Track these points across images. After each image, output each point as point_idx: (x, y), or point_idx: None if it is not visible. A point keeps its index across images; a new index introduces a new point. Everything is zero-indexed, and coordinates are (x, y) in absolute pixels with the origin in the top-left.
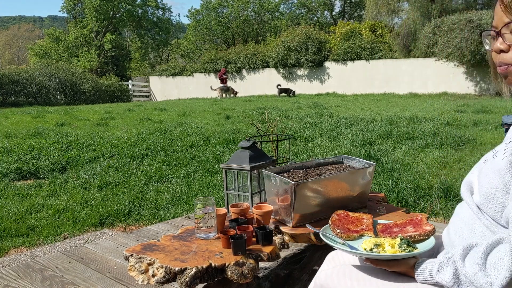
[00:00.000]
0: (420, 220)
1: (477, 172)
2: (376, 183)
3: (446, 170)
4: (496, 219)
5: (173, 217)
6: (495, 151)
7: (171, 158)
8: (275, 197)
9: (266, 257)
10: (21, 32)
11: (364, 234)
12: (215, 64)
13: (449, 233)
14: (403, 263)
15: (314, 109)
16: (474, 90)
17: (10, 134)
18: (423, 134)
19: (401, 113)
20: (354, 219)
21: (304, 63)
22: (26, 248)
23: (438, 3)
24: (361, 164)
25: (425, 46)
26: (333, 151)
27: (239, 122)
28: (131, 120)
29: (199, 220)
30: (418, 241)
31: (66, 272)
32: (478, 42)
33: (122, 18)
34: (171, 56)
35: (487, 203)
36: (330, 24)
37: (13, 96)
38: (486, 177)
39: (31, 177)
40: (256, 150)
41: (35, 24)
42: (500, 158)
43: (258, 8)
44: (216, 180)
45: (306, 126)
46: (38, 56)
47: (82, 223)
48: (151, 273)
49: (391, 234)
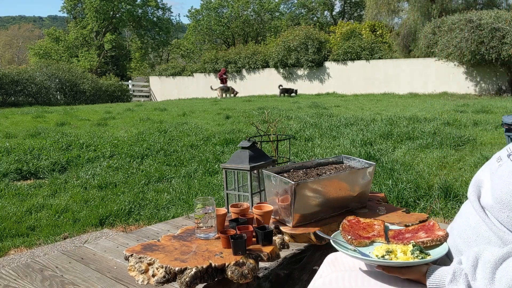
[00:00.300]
0: (433, 225)
1: (488, 172)
2: (376, 183)
3: (446, 170)
4: (507, 225)
5: (173, 217)
6: (511, 151)
7: (171, 158)
8: (275, 197)
9: (266, 257)
10: (21, 32)
11: (375, 241)
12: (215, 64)
13: (452, 233)
14: (416, 270)
15: (314, 109)
16: (474, 90)
17: (10, 134)
18: (423, 134)
19: (401, 113)
20: (365, 225)
21: (304, 63)
22: (26, 248)
23: (438, 3)
24: (361, 164)
25: (425, 46)
26: (333, 151)
27: (239, 122)
28: (131, 120)
29: (199, 220)
30: (431, 246)
31: (66, 272)
32: (478, 42)
33: (122, 18)
34: (171, 56)
35: (500, 208)
36: (330, 24)
37: (13, 96)
38: (502, 180)
39: (31, 177)
40: (256, 150)
41: (35, 24)
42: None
43: (258, 8)
44: (216, 180)
45: (306, 126)
46: (38, 56)
47: (82, 223)
48: (151, 273)
49: (402, 240)
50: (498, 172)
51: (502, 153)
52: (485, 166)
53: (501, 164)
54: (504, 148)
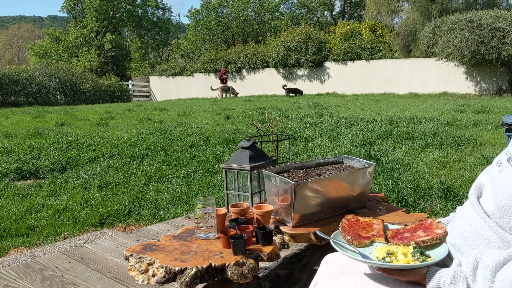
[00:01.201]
0: (430, 224)
1: (488, 176)
2: (376, 183)
3: (446, 170)
4: (509, 231)
5: (173, 217)
6: (511, 155)
7: (171, 158)
8: (275, 197)
9: (266, 257)
10: (21, 32)
11: (375, 241)
12: (215, 64)
13: (453, 232)
14: (416, 272)
15: (314, 109)
16: (474, 90)
17: (10, 134)
18: (423, 134)
19: (401, 113)
20: (364, 224)
21: (304, 63)
22: (26, 248)
23: (438, 3)
24: (361, 164)
25: (425, 46)
26: (333, 151)
27: (239, 122)
28: (131, 120)
29: (199, 220)
30: (431, 245)
31: (66, 272)
32: (478, 42)
33: (122, 18)
34: (171, 56)
35: (502, 214)
36: (330, 24)
37: (13, 96)
38: (503, 187)
39: (31, 177)
40: (256, 150)
41: (35, 24)
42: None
43: (258, 8)
44: (216, 180)
45: (306, 126)
46: (38, 56)
47: (82, 223)
48: (151, 273)
49: (402, 240)
50: (498, 178)
51: (502, 157)
52: (486, 171)
53: (501, 169)
54: (503, 151)
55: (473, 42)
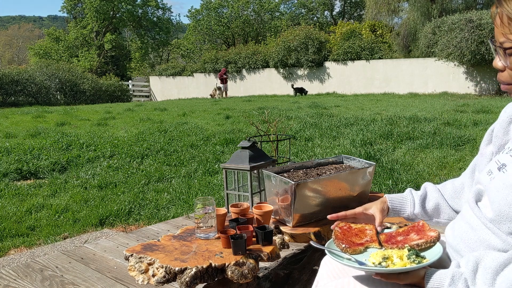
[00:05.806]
0: (422, 225)
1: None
2: (376, 183)
3: (446, 170)
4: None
5: (173, 217)
6: (501, 164)
7: (171, 158)
8: (275, 197)
9: (266, 257)
10: (21, 32)
11: (369, 246)
12: (215, 64)
13: (454, 233)
14: (414, 275)
15: (314, 109)
16: (474, 90)
17: (10, 134)
18: (423, 134)
19: (401, 113)
20: (357, 231)
21: (304, 63)
22: (26, 248)
23: (438, 3)
24: (361, 164)
25: (425, 46)
26: (333, 151)
27: (239, 122)
28: (131, 120)
29: (199, 220)
30: (425, 248)
31: (66, 272)
32: (478, 42)
33: (122, 18)
34: (171, 56)
35: (501, 221)
36: (330, 24)
37: (13, 96)
38: (499, 193)
39: (31, 177)
40: (256, 150)
41: (35, 24)
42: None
43: (258, 8)
44: (216, 180)
45: (306, 126)
46: (38, 56)
47: (82, 223)
48: (151, 273)
49: (396, 243)
50: (492, 186)
51: (492, 166)
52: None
53: (493, 177)
54: (492, 160)
55: (473, 42)
